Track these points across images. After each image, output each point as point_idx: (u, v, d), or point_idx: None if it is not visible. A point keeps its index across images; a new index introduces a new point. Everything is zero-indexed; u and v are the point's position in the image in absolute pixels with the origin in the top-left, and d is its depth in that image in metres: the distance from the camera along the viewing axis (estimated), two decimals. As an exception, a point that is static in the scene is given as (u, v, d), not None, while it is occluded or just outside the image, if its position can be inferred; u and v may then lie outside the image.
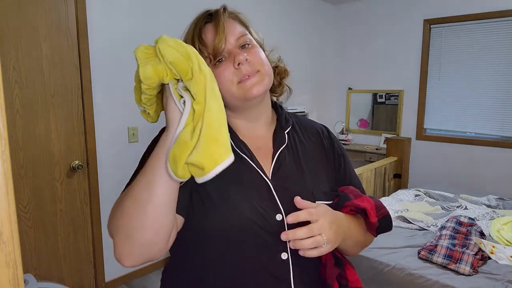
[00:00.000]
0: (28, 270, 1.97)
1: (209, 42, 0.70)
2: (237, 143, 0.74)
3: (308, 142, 0.82)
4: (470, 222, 2.32)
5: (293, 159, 0.77)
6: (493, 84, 3.30)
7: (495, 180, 3.30)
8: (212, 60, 0.70)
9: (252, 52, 0.72)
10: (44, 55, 1.97)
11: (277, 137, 0.79)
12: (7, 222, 0.28)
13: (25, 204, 1.96)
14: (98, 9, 2.18)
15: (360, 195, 0.78)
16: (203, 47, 0.70)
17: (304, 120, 0.88)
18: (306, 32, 3.84)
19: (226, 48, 0.70)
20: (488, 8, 3.22)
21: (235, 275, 0.69)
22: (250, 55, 0.70)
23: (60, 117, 2.07)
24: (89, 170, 2.19)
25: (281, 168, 0.75)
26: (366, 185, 3.10)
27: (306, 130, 0.85)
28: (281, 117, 0.82)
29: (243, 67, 0.69)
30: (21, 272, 0.30)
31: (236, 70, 0.69)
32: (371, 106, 4.19)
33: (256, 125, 0.79)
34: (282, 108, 0.85)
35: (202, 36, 0.70)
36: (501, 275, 1.82)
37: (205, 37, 0.70)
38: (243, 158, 0.73)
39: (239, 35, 0.71)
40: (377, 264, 1.99)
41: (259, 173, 0.73)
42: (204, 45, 0.70)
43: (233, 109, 0.76)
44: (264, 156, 0.76)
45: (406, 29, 3.71)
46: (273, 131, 0.80)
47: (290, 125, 0.82)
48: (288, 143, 0.79)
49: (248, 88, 0.70)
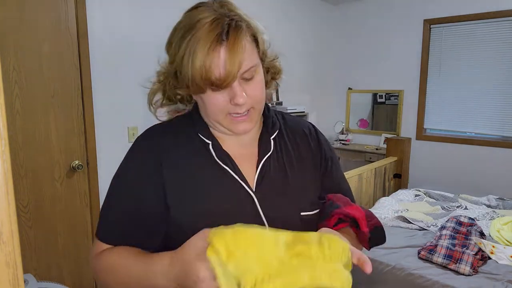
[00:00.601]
0: (28, 270, 1.97)
1: (217, 74, 0.61)
2: (220, 155, 0.71)
3: (295, 147, 0.79)
4: (470, 222, 2.32)
5: (278, 167, 0.74)
6: (493, 84, 3.30)
7: (495, 180, 3.30)
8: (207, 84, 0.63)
9: (253, 86, 0.66)
10: (44, 55, 1.97)
11: (262, 143, 0.75)
12: (7, 222, 0.28)
13: (25, 204, 1.96)
14: (98, 9, 2.18)
15: (349, 203, 0.74)
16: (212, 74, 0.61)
17: (291, 121, 0.84)
18: (306, 32, 3.84)
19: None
20: (488, 8, 3.22)
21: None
22: (250, 90, 0.66)
23: (60, 117, 2.07)
24: (89, 170, 2.19)
25: (266, 177, 0.72)
26: (366, 185, 3.10)
27: (293, 132, 0.81)
28: (268, 120, 0.78)
29: (239, 107, 0.66)
30: (21, 272, 0.30)
31: (230, 105, 0.66)
32: (371, 106, 4.19)
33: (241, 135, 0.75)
34: (270, 110, 0.81)
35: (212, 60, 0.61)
36: (501, 275, 1.82)
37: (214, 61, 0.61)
38: (226, 170, 0.70)
39: (248, 68, 0.64)
40: (377, 264, 1.99)
41: (243, 186, 0.70)
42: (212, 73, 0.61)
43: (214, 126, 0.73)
44: (248, 164, 0.73)
45: (406, 29, 3.71)
46: (258, 135, 0.77)
47: (277, 129, 0.78)
48: (274, 150, 0.75)
49: (236, 124, 0.68)
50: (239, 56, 0.61)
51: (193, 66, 0.61)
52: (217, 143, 0.72)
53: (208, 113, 0.69)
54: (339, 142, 4.20)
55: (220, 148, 0.72)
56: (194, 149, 0.72)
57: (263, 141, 0.76)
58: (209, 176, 0.70)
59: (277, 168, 0.74)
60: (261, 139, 0.76)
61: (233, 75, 0.61)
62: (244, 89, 0.65)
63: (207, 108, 0.68)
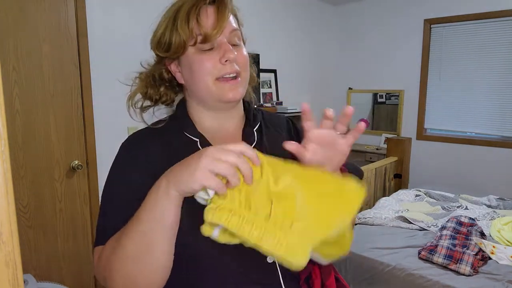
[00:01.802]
0: (28, 270, 1.97)
1: (205, 25, 0.66)
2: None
3: (276, 138, 0.80)
4: (470, 222, 2.32)
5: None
6: (493, 84, 3.30)
7: (496, 180, 3.30)
8: (197, 42, 0.67)
9: (240, 52, 0.70)
10: (44, 55, 1.97)
11: (246, 135, 0.77)
12: (7, 222, 0.28)
13: (25, 204, 1.96)
14: (98, 9, 2.18)
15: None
16: (197, 27, 0.66)
17: (270, 115, 0.86)
18: (306, 32, 3.84)
19: (219, 39, 0.67)
20: (488, 8, 3.21)
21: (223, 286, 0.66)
22: (238, 54, 0.69)
23: (60, 117, 2.06)
24: (89, 170, 2.19)
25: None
26: (367, 185, 3.10)
27: (273, 125, 0.83)
28: (249, 114, 0.80)
29: (229, 65, 0.68)
30: (20, 272, 0.30)
31: (219, 65, 0.67)
32: (371, 106, 4.19)
33: (225, 122, 0.77)
34: (250, 105, 0.83)
35: (200, 15, 0.66)
36: (502, 276, 1.81)
37: (203, 18, 0.66)
38: None
39: (233, 29, 0.69)
40: (378, 264, 1.99)
41: None
42: (200, 25, 0.66)
43: (203, 102, 0.74)
44: None
45: (406, 29, 3.71)
46: (242, 128, 0.79)
47: (258, 122, 0.80)
48: (257, 141, 0.77)
49: (226, 90, 0.69)
50: (227, 13, 0.66)
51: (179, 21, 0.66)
52: (204, 139, 0.73)
53: (196, 82, 0.69)
54: (339, 142, 4.19)
55: (208, 143, 0.72)
56: (182, 148, 0.71)
57: (247, 133, 0.77)
58: None
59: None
60: (244, 131, 0.78)
61: (221, 26, 0.65)
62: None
63: (195, 75, 0.68)
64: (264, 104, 3.31)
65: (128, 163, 0.72)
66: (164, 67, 0.75)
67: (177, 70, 0.74)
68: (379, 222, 2.50)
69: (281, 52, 3.54)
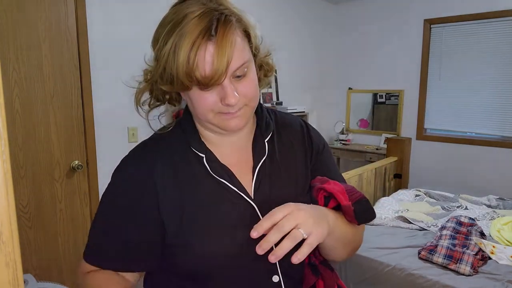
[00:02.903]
0: (28, 270, 1.97)
1: (202, 71, 0.58)
2: (215, 167, 0.68)
3: (289, 146, 0.76)
4: (470, 222, 2.32)
5: (273, 170, 0.72)
6: (493, 84, 3.30)
7: (495, 180, 3.30)
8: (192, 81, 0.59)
9: (245, 84, 0.63)
10: (44, 55, 1.97)
11: (257, 147, 0.73)
12: (7, 222, 0.28)
13: (25, 204, 1.96)
14: (98, 9, 2.18)
15: (327, 180, 0.71)
16: (197, 71, 0.58)
17: (283, 118, 0.81)
18: (306, 31, 3.84)
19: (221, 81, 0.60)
20: (488, 8, 3.21)
21: None
22: (242, 88, 0.62)
23: (60, 117, 2.07)
24: (89, 170, 2.19)
25: (262, 182, 0.70)
26: (366, 185, 3.10)
27: (286, 132, 0.78)
28: (261, 122, 0.75)
29: (230, 107, 0.62)
30: (21, 272, 0.30)
31: (220, 104, 0.62)
32: (371, 106, 4.19)
33: (233, 140, 0.72)
34: (263, 109, 0.77)
35: (199, 56, 0.57)
36: (502, 275, 1.81)
37: (201, 62, 0.57)
38: (222, 183, 0.68)
39: (239, 65, 0.60)
40: (377, 264, 1.99)
41: (241, 196, 0.68)
42: (199, 69, 0.58)
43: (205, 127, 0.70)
44: (244, 170, 0.71)
45: (406, 29, 3.71)
46: (252, 138, 0.74)
47: (270, 131, 0.75)
48: (268, 153, 0.73)
49: (228, 120, 0.64)
50: (228, 53, 0.57)
51: (177, 61, 0.57)
52: (210, 155, 0.69)
53: (196, 113, 0.66)
54: (339, 142, 4.20)
55: (214, 160, 0.69)
56: (187, 166, 0.69)
57: (257, 144, 0.73)
58: (206, 192, 0.67)
59: (272, 170, 0.72)
60: (255, 142, 0.73)
61: (221, 72, 0.57)
62: (235, 88, 0.61)
63: (196, 108, 0.64)
64: (264, 104, 3.31)
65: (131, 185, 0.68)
66: None
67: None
68: (379, 222, 2.50)
69: (281, 52, 3.53)
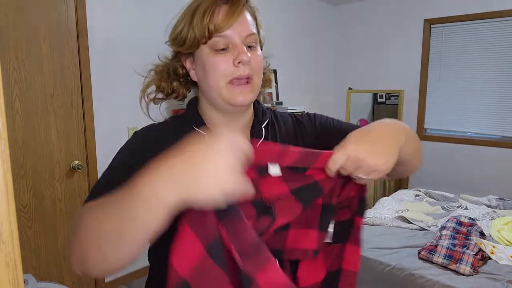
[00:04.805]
0: (28, 270, 1.97)
1: (217, 19, 0.66)
2: None
3: (285, 134, 0.81)
4: (470, 222, 2.32)
5: None
6: (493, 84, 3.30)
7: (496, 180, 3.30)
8: (207, 40, 0.67)
9: (254, 55, 0.70)
10: (44, 55, 1.97)
11: (254, 131, 0.78)
12: (7, 222, 0.28)
13: (25, 204, 1.96)
14: (98, 9, 2.18)
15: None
16: (211, 23, 0.66)
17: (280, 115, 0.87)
18: (306, 32, 3.84)
19: (233, 40, 0.68)
20: (488, 8, 3.21)
21: None
22: (252, 57, 0.69)
23: (60, 117, 2.07)
24: (89, 170, 2.19)
25: None
26: (366, 185, 3.10)
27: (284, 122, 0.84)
28: (258, 112, 0.81)
29: (242, 67, 0.68)
30: (21, 272, 0.30)
31: (232, 67, 0.68)
32: (371, 106, 4.19)
33: (234, 121, 0.78)
34: (260, 103, 0.84)
35: (214, 13, 0.66)
36: (502, 275, 1.81)
37: (216, 15, 0.66)
38: None
39: (250, 33, 0.69)
40: (378, 264, 1.99)
41: None
42: (212, 21, 0.66)
43: (213, 103, 0.75)
44: None
45: (406, 29, 3.71)
46: (251, 125, 0.80)
47: (267, 118, 0.81)
48: (265, 136, 0.78)
49: (236, 94, 0.69)
50: (240, 10, 0.67)
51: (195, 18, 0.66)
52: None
53: (209, 83, 0.70)
54: (339, 142, 4.20)
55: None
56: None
57: (255, 129, 0.78)
58: None
59: None
60: (253, 128, 0.79)
61: (233, 21, 0.66)
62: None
63: (209, 75, 0.69)
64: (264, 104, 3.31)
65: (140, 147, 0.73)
66: (180, 63, 0.76)
67: (192, 67, 0.75)
68: (379, 222, 2.50)
69: (281, 52, 3.53)
